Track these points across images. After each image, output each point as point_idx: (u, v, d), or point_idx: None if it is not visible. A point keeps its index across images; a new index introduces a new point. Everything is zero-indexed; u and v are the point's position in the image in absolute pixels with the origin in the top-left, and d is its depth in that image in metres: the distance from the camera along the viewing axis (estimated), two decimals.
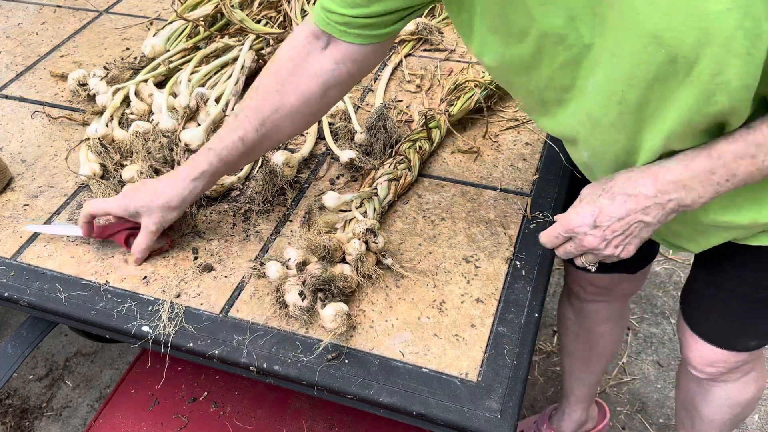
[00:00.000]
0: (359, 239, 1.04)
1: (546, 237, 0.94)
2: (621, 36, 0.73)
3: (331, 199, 1.14)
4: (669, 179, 0.81)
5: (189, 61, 1.47)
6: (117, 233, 1.09)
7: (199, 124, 1.33)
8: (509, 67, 0.89)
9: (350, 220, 1.10)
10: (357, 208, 1.13)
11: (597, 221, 0.86)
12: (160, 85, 1.43)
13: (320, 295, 0.98)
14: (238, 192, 1.22)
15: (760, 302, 1.09)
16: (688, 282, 1.21)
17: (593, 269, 0.94)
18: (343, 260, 1.04)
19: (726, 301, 1.12)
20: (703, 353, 1.20)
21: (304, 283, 0.97)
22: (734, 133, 0.78)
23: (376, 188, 1.16)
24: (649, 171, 0.83)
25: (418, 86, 1.46)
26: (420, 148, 1.25)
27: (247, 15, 1.48)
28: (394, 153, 1.23)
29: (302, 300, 0.97)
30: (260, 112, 0.99)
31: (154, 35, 1.55)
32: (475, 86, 1.37)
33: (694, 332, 1.20)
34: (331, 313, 0.95)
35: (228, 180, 1.20)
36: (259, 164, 1.25)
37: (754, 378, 1.28)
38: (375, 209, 1.12)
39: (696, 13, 0.67)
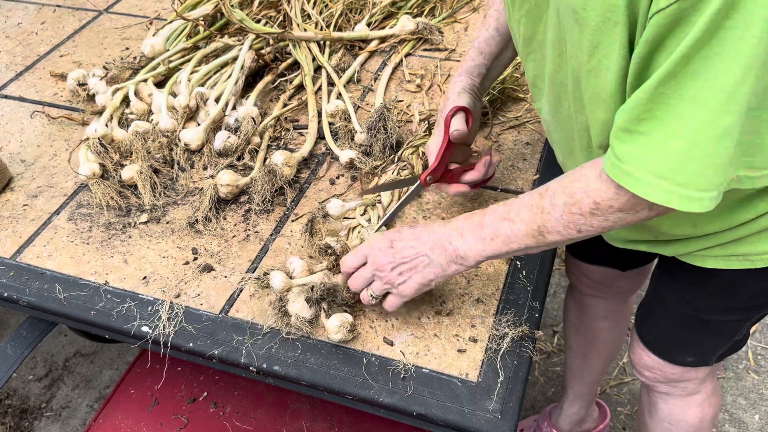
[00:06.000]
0: None
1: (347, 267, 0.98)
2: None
3: (334, 207, 1.13)
4: (453, 225, 0.91)
5: (189, 60, 1.47)
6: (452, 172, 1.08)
7: (199, 124, 1.32)
8: None
9: (354, 228, 1.10)
10: (361, 216, 1.12)
11: (392, 244, 0.93)
12: (160, 84, 1.43)
13: (324, 305, 0.97)
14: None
15: (696, 322, 1.13)
16: (647, 291, 1.25)
17: (375, 301, 0.96)
18: None
19: (667, 314, 1.17)
20: (641, 357, 1.25)
21: (312, 288, 0.96)
22: (509, 200, 0.88)
23: (379, 195, 1.15)
24: (445, 221, 0.93)
25: (419, 86, 1.46)
26: (422, 153, 1.24)
27: (246, 15, 1.48)
28: (396, 159, 1.22)
29: (309, 306, 0.96)
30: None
31: (153, 35, 1.55)
32: None
33: (637, 335, 1.26)
34: (336, 324, 0.94)
35: (242, 181, 1.20)
36: (259, 164, 1.25)
37: (698, 402, 1.29)
38: (379, 216, 1.12)
39: None
